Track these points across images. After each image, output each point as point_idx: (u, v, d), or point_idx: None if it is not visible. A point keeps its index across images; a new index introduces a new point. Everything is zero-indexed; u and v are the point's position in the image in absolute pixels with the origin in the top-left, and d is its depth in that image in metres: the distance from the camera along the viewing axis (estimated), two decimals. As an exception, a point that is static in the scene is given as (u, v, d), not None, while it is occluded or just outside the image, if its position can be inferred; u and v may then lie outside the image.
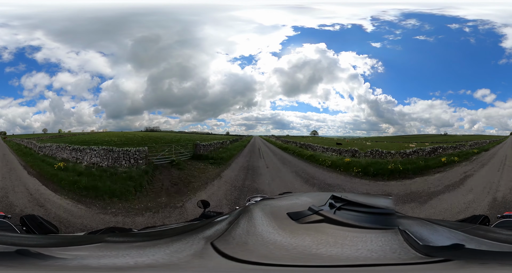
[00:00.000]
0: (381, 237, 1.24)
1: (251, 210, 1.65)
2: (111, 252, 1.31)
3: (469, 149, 15.42)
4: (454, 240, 1.32)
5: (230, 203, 8.20)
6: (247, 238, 1.28)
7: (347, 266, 1.06)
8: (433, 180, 10.63)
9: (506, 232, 1.59)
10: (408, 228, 1.34)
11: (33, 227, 2.35)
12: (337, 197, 1.66)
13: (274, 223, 1.41)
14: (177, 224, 2.07)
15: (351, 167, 12.15)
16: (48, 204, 7.86)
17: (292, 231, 1.33)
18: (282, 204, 1.84)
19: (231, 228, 1.40)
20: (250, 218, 1.52)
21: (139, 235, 1.82)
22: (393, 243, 1.18)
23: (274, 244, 1.20)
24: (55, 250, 1.31)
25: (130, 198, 8.68)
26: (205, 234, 1.38)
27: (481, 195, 8.44)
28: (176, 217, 7.66)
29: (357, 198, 1.66)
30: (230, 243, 1.26)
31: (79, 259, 1.22)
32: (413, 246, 1.16)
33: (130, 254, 1.26)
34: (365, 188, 10.26)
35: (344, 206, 1.55)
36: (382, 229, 1.31)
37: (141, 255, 1.24)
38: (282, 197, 2.15)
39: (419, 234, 1.29)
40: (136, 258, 1.21)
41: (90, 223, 6.97)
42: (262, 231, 1.33)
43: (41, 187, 9.16)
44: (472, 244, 1.25)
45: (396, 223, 1.40)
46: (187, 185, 10.30)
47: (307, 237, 1.25)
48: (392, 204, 1.58)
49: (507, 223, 2.77)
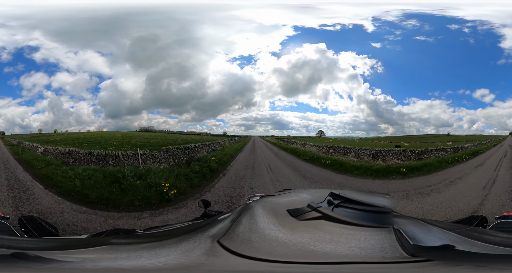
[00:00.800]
0: (375, 235, 1.25)
1: (253, 207, 1.67)
2: (122, 254, 1.30)
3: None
4: (445, 241, 1.33)
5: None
6: (251, 235, 1.30)
7: (336, 263, 1.08)
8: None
9: (501, 234, 1.59)
10: (402, 227, 1.35)
11: (32, 229, 2.29)
12: (336, 194, 1.67)
13: (275, 220, 1.43)
14: (181, 224, 2.06)
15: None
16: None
17: (292, 227, 1.36)
18: (282, 201, 1.86)
19: (234, 225, 1.42)
20: (252, 215, 1.54)
21: (144, 236, 1.82)
22: (385, 242, 1.20)
23: (276, 241, 1.23)
24: (58, 253, 1.28)
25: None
26: (210, 233, 1.40)
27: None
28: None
29: (355, 195, 1.68)
30: (235, 240, 1.27)
31: (89, 262, 1.20)
32: (403, 245, 1.17)
33: (143, 255, 1.25)
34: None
35: (342, 204, 1.56)
36: (377, 228, 1.33)
37: (155, 256, 1.23)
38: (283, 194, 2.16)
39: (412, 233, 1.31)
40: (152, 259, 1.20)
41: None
42: (264, 228, 1.35)
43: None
44: (464, 246, 1.26)
45: (391, 222, 1.41)
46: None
47: (306, 234, 1.28)
48: (389, 203, 1.60)
49: (505, 224, 2.76)
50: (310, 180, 10.32)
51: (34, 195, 7.93)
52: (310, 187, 9.30)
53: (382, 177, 10.80)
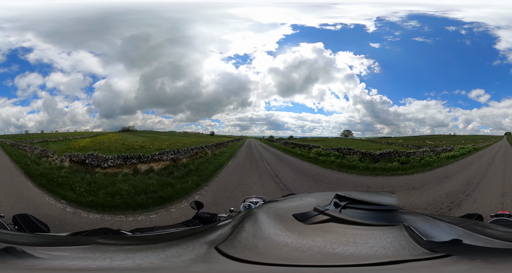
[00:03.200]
0: (389, 233, 1.25)
1: (255, 213, 1.63)
2: (95, 255, 1.25)
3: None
4: (453, 235, 1.33)
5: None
6: (255, 242, 1.25)
7: (370, 265, 1.05)
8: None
9: (501, 228, 1.61)
10: (412, 224, 1.35)
11: (24, 226, 2.36)
12: (341, 196, 1.64)
13: (281, 225, 1.39)
14: (176, 229, 2.02)
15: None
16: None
17: (301, 232, 1.32)
18: (287, 206, 1.82)
19: (235, 232, 1.37)
20: (255, 221, 1.49)
21: (134, 238, 1.77)
22: (401, 239, 1.19)
23: (287, 246, 1.19)
24: (41, 249, 1.27)
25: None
26: (207, 239, 1.35)
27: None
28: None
29: (360, 196, 1.67)
30: (237, 247, 1.22)
31: (53, 260, 1.18)
32: (418, 242, 1.17)
33: (115, 257, 1.20)
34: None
35: (349, 205, 1.54)
36: (388, 226, 1.33)
37: (131, 258, 1.18)
38: (286, 199, 2.12)
39: (422, 229, 1.31)
40: (118, 261, 1.15)
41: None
42: (269, 233, 1.31)
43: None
44: (469, 240, 1.27)
45: (400, 219, 1.42)
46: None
47: (317, 238, 1.25)
48: (396, 201, 1.60)
49: (500, 221, 2.88)
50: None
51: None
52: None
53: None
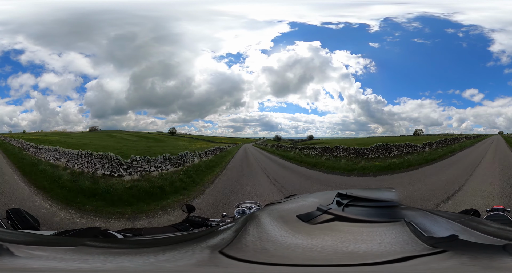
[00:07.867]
0: (392, 229, 1.26)
1: (258, 216, 1.61)
2: (79, 256, 1.19)
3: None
4: (451, 231, 1.35)
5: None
6: (263, 244, 1.23)
7: (386, 263, 1.05)
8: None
9: (495, 225, 1.63)
10: (412, 219, 1.37)
11: (16, 221, 2.39)
12: (343, 194, 1.66)
13: (286, 227, 1.38)
14: (167, 232, 1.96)
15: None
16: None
17: (308, 233, 1.31)
18: (289, 207, 1.82)
19: (239, 236, 1.34)
20: (258, 224, 1.47)
21: (125, 242, 1.72)
22: (404, 235, 1.21)
23: (298, 247, 1.17)
24: (25, 248, 1.22)
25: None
26: (208, 243, 1.31)
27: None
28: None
29: (361, 193, 1.68)
30: (245, 250, 1.19)
31: (33, 260, 1.14)
32: (420, 237, 1.18)
33: (100, 260, 1.14)
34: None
35: (351, 203, 1.56)
36: (390, 222, 1.34)
37: (110, 262, 1.13)
38: (288, 200, 2.11)
39: (422, 225, 1.33)
40: (99, 264, 1.10)
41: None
42: (276, 236, 1.29)
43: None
44: (465, 235, 1.29)
45: (401, 215, 1.44)
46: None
47: (326, 237, 1.25)
48: (396, 196, 1.62)
49: (495, 216, 2.97)
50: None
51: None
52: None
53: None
